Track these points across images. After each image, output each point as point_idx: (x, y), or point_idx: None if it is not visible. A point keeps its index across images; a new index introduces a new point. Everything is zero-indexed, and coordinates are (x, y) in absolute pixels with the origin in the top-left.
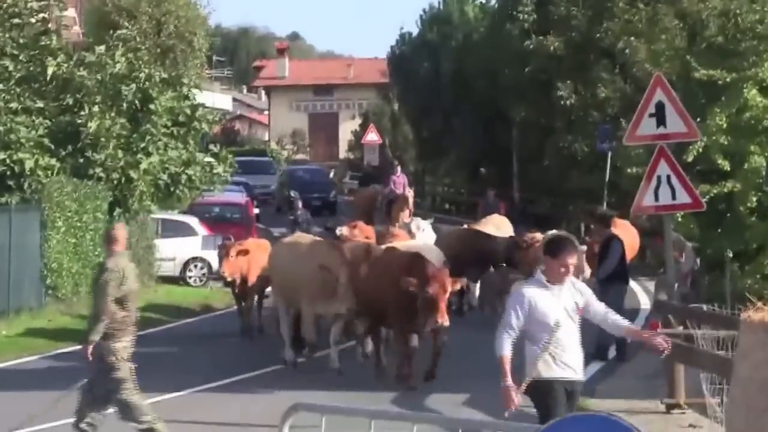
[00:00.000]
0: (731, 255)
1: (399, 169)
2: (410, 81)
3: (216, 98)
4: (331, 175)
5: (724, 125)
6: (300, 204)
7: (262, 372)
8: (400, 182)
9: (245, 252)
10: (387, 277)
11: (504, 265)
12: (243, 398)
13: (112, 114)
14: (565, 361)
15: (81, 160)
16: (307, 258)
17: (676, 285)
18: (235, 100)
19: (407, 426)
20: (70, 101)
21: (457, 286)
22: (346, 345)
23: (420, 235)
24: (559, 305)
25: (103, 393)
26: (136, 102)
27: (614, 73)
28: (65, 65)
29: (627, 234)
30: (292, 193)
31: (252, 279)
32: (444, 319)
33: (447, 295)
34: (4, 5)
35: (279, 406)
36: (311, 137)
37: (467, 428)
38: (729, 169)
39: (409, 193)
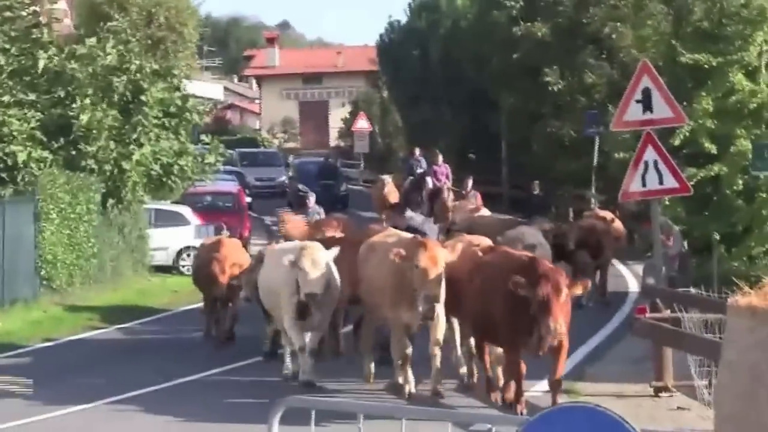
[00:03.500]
0: (718, 237)
1: (441, 158)
2: (399, 69)
3: (207, 88)
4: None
5: (711, 109)
6: (312, 200)
7: (255, 361)
8: (442, 173)
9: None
10: (498, 284)
11: None
12: (235, 387)
13: (104, 106)
14: None
15: (73, 152)
16: (385, 257)
17: (663, 268)
18: (226, 89)
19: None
20: (62, 94)
21: (579, 291)
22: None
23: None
24: None
25: None
26: (128, 94)
27: (601, 59)
28: (56, 58)
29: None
30: (301, 188)
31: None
32: (558, 324)
33: (562, 298)
34: None
35: (271, 397)
36: (302, 125)
37: (457, 420)
38: (716, 152)
39: (446, 186)
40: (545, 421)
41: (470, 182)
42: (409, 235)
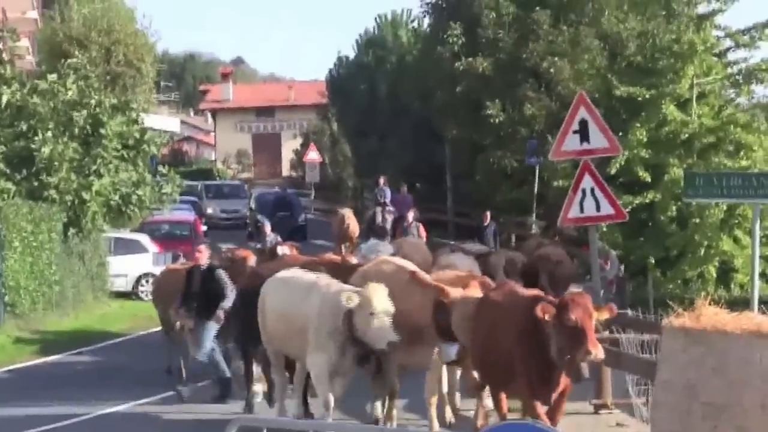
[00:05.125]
0: (653, 261)
1: (405, 188)
2: (348, 102)
3: (164, 121)
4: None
5: (645, 139)
6: (268, 229)
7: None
8: (405, 203)
9: None
10: (509, 326)
11: None
12: (191, 408)
13: (65, 139)
14: None
15: (36, 183)
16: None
17: (601, 291)
18: (182, 122)
19: None
20: (24, 127)
21: (606, 315)
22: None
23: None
24: None
25: None
26: (88, 127)
27: (540, 92)
28: (19, 93)
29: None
30: (259, 218)
31: None
32: (598, 350)
33: (593, 322)
34: None
35: (224, 416)
36: (255, 156)
37: None
38: (650, 180)
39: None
40: None
41: (411, 215)
42: (407, 264)
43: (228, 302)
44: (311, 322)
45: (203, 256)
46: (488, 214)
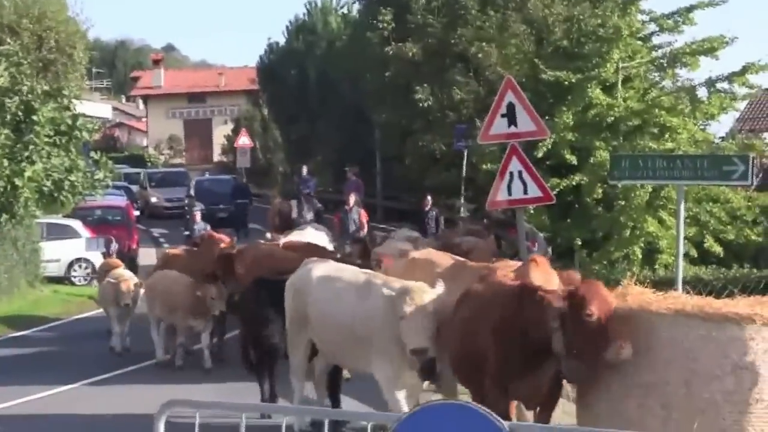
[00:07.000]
0: (580, 243)
1: (353, 173)
2: (278, 88)
3: (96, 108)
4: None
5: (571, 123)
6: (198, 217)
7: (142, 366)
8: (351, 188)
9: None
10: (489, 316)
11: None
12: (123, 392)
13: None
14: None
15: None
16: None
17: None
18: (114, 109)
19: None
20: None
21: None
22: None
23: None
24: None
25: None
26: (20, 113)
27: (468, 77)
28: None
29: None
30: (195, 205)
31: None
32: (627, 346)
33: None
34: None
35: (157, 401)
36: (187, 142)
37: (335, 418)
38: (576, 163)
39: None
40: (418, 417)
41: (352, 199)
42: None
43: None
44: (374, 327)
45: None
46: (429, 198)
